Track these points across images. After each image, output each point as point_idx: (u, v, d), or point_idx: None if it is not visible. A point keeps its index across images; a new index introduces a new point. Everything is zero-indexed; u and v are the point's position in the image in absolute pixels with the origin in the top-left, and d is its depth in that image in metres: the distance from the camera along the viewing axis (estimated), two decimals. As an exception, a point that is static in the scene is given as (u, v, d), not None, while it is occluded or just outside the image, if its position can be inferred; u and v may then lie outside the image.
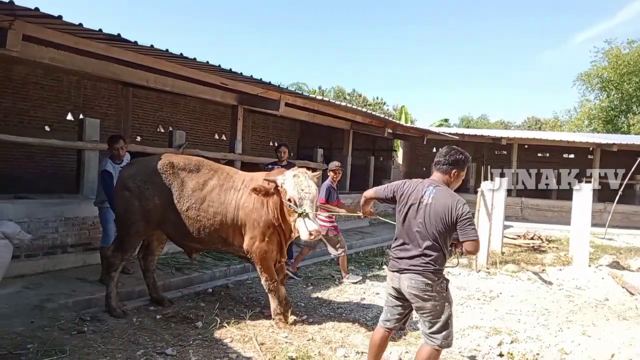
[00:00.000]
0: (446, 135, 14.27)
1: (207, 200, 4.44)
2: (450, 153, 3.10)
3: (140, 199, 4.43)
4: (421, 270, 2.97)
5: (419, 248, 3.00)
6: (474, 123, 39.64)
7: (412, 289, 2.99)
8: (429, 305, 2.97)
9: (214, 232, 4.49)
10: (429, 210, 2.98)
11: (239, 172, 4.84)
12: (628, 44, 24.84)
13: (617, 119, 25.94)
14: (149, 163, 4.57)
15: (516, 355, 3.95)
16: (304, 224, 4.02)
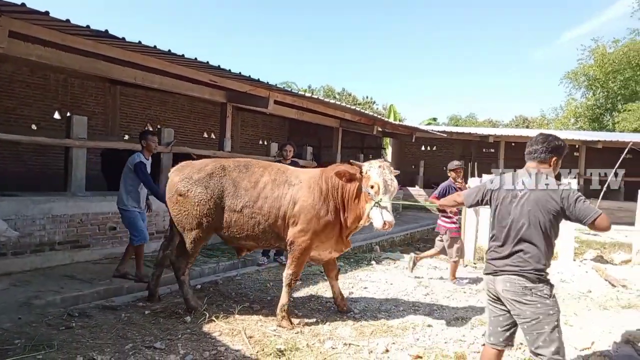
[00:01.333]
0: (434, 133, 14.40)
1: (261, 197, 4.49)
2: (548, 140, 2.85)
3: (196, 203, 4.48)
4: (518, 270, 2.66)
5: (516, 245, 2.71)
6: (462, 122, 39.96)
7: (508, 293, 2.67)
8: (529, 312, 2.60)
9: (269, 227, 4.51)
10: (527, 201, 2.71)
11: (290, 168, 4.88)
12: (613, 43, 25.27)
13: (602, 116, 26.33)
14: (201, 167, 4.63)
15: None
16: (380, 213, 4.08)
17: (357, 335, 4.23)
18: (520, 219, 2.70)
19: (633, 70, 23.60)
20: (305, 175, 4.64)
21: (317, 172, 4.68)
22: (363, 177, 4.26)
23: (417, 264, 6.80)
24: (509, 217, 2.75)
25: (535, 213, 2.65)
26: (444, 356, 3.80)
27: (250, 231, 4.52)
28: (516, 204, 2.74)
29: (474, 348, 3.97)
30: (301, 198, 4.44)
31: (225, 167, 4.62)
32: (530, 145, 2.91)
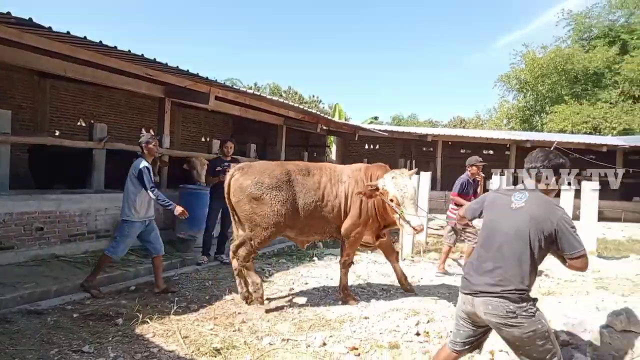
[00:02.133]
0: (376, 132, 14.73)
1: (324, 196, 5.01)
2: (549, 157, 2.67)
3: (273, 205, 4.74)
4: (499, 291, 2.47)
5: (500, 263, 2.51)
6: (404, 121, 41.09)
7: (492, 317, 2.49)
8: (517, 333, 2.45)
9: (333, 221, 5.06)
10: (519, 216, 2.53)
11: (338, 166, 5.37)
12: (542, 49, 26.96)
13: (532, 118, 28.02)
14: (270, 172, 4.86)
15: (432, 333, 4.22)
16: (407, 222, 4.48)
17: (296, 330, 4.27)
18: (508, 234, 2.53)
19: (559, 75, 25.29)
20: (349, 170, 5.20)
21: (359, 168, 5.22)
22: (382, 193, 4.66)
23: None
24: (497, 230, 2.59)
25: (527, 231, 2.48)
26: (378, 346, 3.92)
27: (320, 227, 5.09)
28: (507, 218, 2.57)
29: (406, 337, 4.13)
30: (351, 194, 5.01)
31: (290, 171, 4.97)
32: (529, 162, 2.75)
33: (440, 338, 4.12)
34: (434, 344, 4.01)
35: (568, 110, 23.53)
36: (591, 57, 24.20)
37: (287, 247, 8.35)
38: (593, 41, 25.78)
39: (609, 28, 25.54)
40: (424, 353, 3.78)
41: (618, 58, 23.94)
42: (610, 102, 23.61)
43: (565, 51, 25.12)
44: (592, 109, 23.28)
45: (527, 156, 2.80)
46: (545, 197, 2.62)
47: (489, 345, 3.49)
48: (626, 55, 23.75)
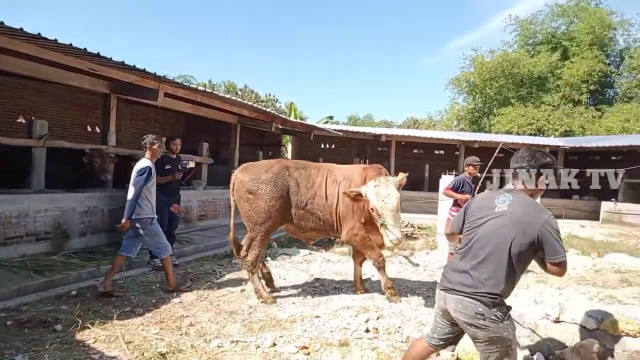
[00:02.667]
0: (332, 131, 14.82)
1: (318, 194, 5.09)
2: (535, 157, 2.60)
3: (266, 199, 4.95)
4: (471, 292, 2.42)
5: (476, 262, 2.46)
6: (360, 121, 41.64)
7: (460, 315, 2.47)
8: (481, 334, 2.44)
9: (325, 219, 5.13)
10: (503, 219, 2.45)
11: (336, 167, 5.42)
12: (490, 53, 28.08)
13: (481, 119, 29.13)
14: (268, 167, 5.11)
15: (381, 329, 4.28)
16: (386, 233, 4.45)
17: (246, 332, 4.21)
18: (489, 236, 2.45)
19: (506, 79, 26.43)
20: (347, 172, 5.22)
21: (358, 170, 5.26)
22: (364, 200, 4.66)
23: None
24: (477, 231, 2.52)
25: (508, 236, 2.40)
26: (328, 344, 3.93)
27: (313, 223, 5.16)
28: (489, 220, 2.49)
29: (356, 335, 4.17)
30: (343, 197, 4.93)
31: (288, 167, 5.16)
32: (515, 162, 2.66)
33: (389, 334, 4.19)
34: (382, 339, 4.07)
35: (514, 113, 24.65)
36: (535, 62, 25.46)
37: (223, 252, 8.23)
38: (537, 47, 27.14)
39: (552, 35, 26.97)
40: (373, 349, 3.83)
41: (560, 63, 25.33)
42: (552, 105, 24.93)
43: (511, 56, 26.28)
44: (536, 111, 24.51)
45: (513, 156, 2.70)
46: (530, 200, 2.54)
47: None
48: (567, 61, 25.18)
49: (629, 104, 24.14)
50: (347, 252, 8.30)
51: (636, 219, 13.98)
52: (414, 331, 4.19)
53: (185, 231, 8.92)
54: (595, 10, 25.79)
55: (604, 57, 25.10)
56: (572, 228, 13.13)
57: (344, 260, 7.58)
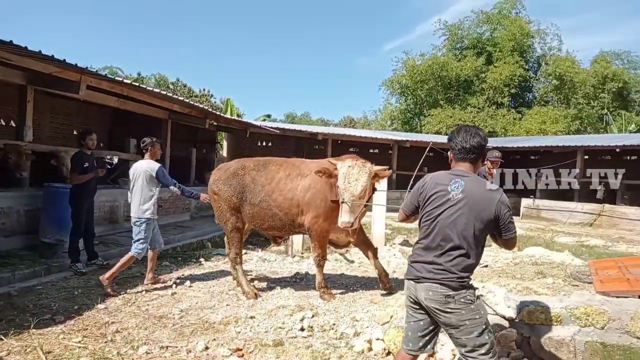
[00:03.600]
0: (268, 129, 14.70)
1: (276, 191, 5.11)
2: (482, 137, 2.62)
3: (225, 199, 5.23)
4: (440, 278, 2.45)
5: (441, 250, 2.48)
6: (297, 119, 41.75)
7: (431, 302, 2.48)
8: (454, 319, 2.44)
9: (284, 216, 5.12)
10: (460, 208, 2.46)
11: (305, 161, 5.45)
12: (420, 56, 29.21)
13: (412, 120, 30.29)
14: (227, 167, 5.41)
15: (316, 327, 4.30)
16: (340, 212, 4.52)
17: (177, 337, 4.06)
18: (450, 227, 2.47)
19: (436, 81, 27.65)
20: (316, 165, 5.15)
21: (328, 162, 5.12)
22: (336, 176, 4.66)
23: None
24: (437, 220, 2.51)
25: (469, 219, 2.44)
26: (262, 345, 3.89)
27: (272, 220, 5.19)
28: (448, 207, 2.49)
29: (291, 334, 4.16)
30: (312, 187, 5.01)
31: (245, 166, 5.30)
32: (465, 142, 2.59)
33: (323, 332, 4.22)
34: (317, 337, 4.09)
35: (443, 114, 25.86)
36: (462, 66, 26.83)
37: (171, 250, 7.94)
38: (464, 51, 28.60)
39: (477, 40, 28.54)
40: (307, 347, 3.83)
41: (484, 68, 26.89)
42: (478, 107, 26.43)
43: (441, 59, 27.51)
44: (463, 112, 25.88)
45: (460, 137, 2.61)
46: (481, 181, 2.57)
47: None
48: (491, 66, 26.79)
49: (545, 107, 26.17)
50: (284, 251, 8.28)
51: (552, 214, 15.13)
52: (347, 327, 4.25)
53: (112, 232, 8.46)
54: (515, 18, 27.64)
55: (524, 62, 26.98)
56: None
57: (280, 259, 7.55)
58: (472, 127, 2.70)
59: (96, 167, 6.34)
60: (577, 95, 26.16)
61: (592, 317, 3.28)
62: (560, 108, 25.71)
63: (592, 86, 25.82)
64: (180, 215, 11.12)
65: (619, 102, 26.99)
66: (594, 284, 3.98)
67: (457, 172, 2.58)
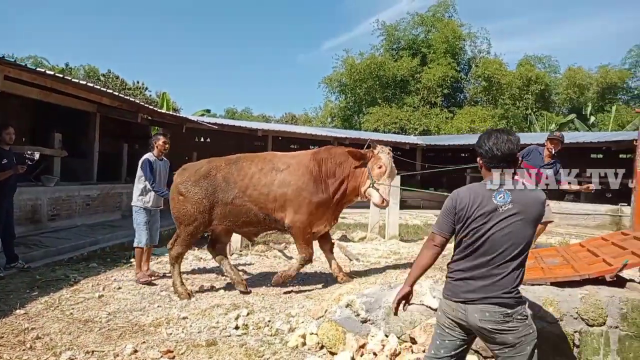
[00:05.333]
0: (205, 124, 14.37)
1: (250, 186, 5.00)
2: (504, 141, 2.38)
3: (193, 202, 5.05)
4: (495, 297, 2.31)
5: (495, 269, 2.33)
6: (238, 115, 41.09)
7: (487, 323, 2.31)
8: (511, 338, 2.30)
9: (260, 211, 5.04)
10: (511, 221, 2.31)
11: (278, 155, 5.39)
12: (359, 55, 29.73)
13: (352, 117, 30.81)
14: (198, 169, 5.21)
15: (251, 325, 4.29)
16: (378, 191, 4.81)
17: (103, 341, 3.89)
18: (504, 237, 2.32)
19: (374, 80, 28.26)
20: (293, 159, 5.16)
21: (306, 155, 5.23)
22: (374, 157, 4.90)
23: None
24: (487, 235, 2.34)
25: (524, 227, 2.33)
26: (195, 346, 3.82)
27: (245, 217, 5.08)
28: (499, 221, 2.33)
29: (225, 333, 4.13)
30: (291, 182, 4.95)
31: (217, 166, 5.14)
32: (497, 149, 2.39)
33: (258, 329, 4.22)
34: (251, 335, 4.09)
35: (380, 112, 26.54)
36: (399, 66, 27.65)
37: (100, 250, 7.58)
38: (401, 51, 29.45)
39: (413, 41, 29.50)
40: (241, 346, 3.82)
41: (419, 68, 27.86)
42: (413, 107, 27.36)
43: (378, 59, 28.16)
44: (400, 111, 26.70)
45: (482, 143, 2.45)
46: (526, 191, 2.42)
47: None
48: (425, 67, 27.82)
49: (474, 107, 27.57)
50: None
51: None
52: (283, 324, 4.27)
53: (34, 233, 7.93)
54: (448, 22, 28.86)
55: (456, 64, 28.23)
56: (428, 218, 14.58)
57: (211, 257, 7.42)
58: (504, 132, 2.45)
59: (16, 164, 5.91)
60: (504, 96, 27.81)
61: (508, 304, 3.53)
62: (489, 108, 27.19)
63: (518, 88, 27.55)
64: (111, 214, 10.60)
65: (541, 103, 28.99)
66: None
67: (497, 183, 2.40)
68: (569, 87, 28.70)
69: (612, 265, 3.74)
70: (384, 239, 10.01)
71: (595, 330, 3.39)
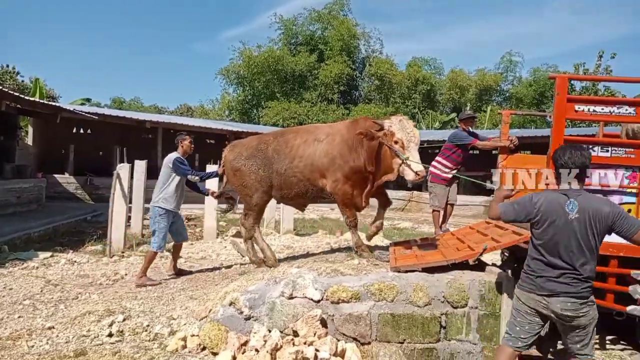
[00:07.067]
0: (84, 114, 13.15)
1: (296, 158, 5.13)
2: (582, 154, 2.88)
3: (250, 173, 5.31)
4: (575, 291, 2.80)
5: (571, 266, 2.80)
6: (126, 105, 38.36)
7: (568, 311, 2.82)
8: (584, 320, 2.84)
9: (307, 182, 5.15)
10: (579, 226, 2.78)
11: (320, 126, 5.61)
12: (257, 48, 29.46)
13: (250, 111, 30.46)
14: (249, 144, 5.53)
15: (127, 331, 4.00)
16: (409, 166, 4.44)
17: (-57, 362, 3.36)
18: (573, 243, 2.79)
19: (272, 74, 28.21)
20: (332, 129, 5.21)
21: (343, 124, 5.28)
22: (386, 134, 4.57)
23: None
24: (561, 239, 2.81)
25: (590, 237, 2.78)
26: (60, 357, 3.49)
27: (296, 188, 5.24)
28: (569, 229, 2.79)
29: (97, 341, 3.81)
30: (328, 151, 4.98)
31: (267, 140, 5.42)
32: (577, 161, 2.86)
33: (135, 335, 3.95)
34: (127, 342, 3.82)
35: (279, 107, 26.59)
36: (297, 61, 27.91)
37: None
38: (299, 47, 29.74)
39: (310, 37, 29.95)
40: (114, 354, 3.54)
41: (317, 65, 28.39)
42: (311, 102, 27.82)
43: (277, 53, 28.16)
44: (298, 106, 26.99)
45: (562, 156, 2.89)
46: (592, 198, 2.88)
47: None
48: (323, 63, 28.41)
49: (369, 105, 28.84)
50: (100, 251, 7.53)
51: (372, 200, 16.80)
52: (163, 327, 4.05)
53: None
54: (343, 20, 29.74)
55: (351, 62, 29.26)
56: (324, 211, 14.94)
57: (94, 260, 6.86)
58: (578, 148, 2.93)
59: None
60: (394, 94, 29.48)
61: (384, 292, 3.71)
62: (381, 106, 28.61)
63: (407, 87, 29.39)
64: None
65: (427, 102, 31.24)
66: (390, 262, 4.52)
67: (567, 191, 2.87)
68: (452, 88, 31.26)
69: (475, 250, 4.13)
70: (279, 233, 10.05)
71: (459, 312, 3.71)
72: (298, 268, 4.62)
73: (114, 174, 8.09)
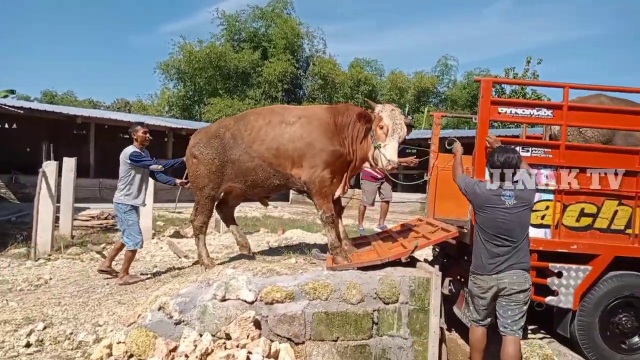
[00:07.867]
0: (7, 108, 12.21)
1: (257, 140, 4.62)
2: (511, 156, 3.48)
3: (205, 163, 4.84)
4: (522, 265, 3.36)
5: (515, 247, 3.36)
6: (58, 99, 36.08)
7: (514, 285, 3.33)
8: (522, 296, 3.35)
9: (269, 168, 4.63)
10: (518, 212, 3.38)
11: (288, 107, 5.12)
12: (199, 43, 28.63)
13: (192, 107, 29.61)
14: (208, 130, 5.14)
15: (47, 340, 3.77)
16: (383, 154, 4.25)
17: None
18: (514, 227, 3.37)
19: (214, 70, 27.55)
20: (306, 111, 4.78)
21: (320, 108, 4.91)
22: (375, 117, 4.36)
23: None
24: (502, 225, 3.38)
25: (525, 219, 3.43)
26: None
27: (254, 175, 4.71)
28: (508, 215, 3.38)
29: (12, 353, 3.56)
30: (303, 135, 4.51)
31: (226, 125, 4.94)
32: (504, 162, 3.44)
33: (56, 344, 3.73)
34: (47, 351, 3.60)
35: (222, 103, 26.04)
36: (240, 58, 27.45)
37: None
38: (242, 43, 29.25)
39: (254, 34, 29.56)
40: (32, 365, 3.32)
41: (261, 62, 28.08)
42: (255, 99, 27.49)
43: (219, 49, 27.54)
44: (242, 104, 26.55)
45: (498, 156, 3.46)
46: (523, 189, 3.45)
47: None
48: (266, 61, 28.15)
49: (313, 104, 28.96)
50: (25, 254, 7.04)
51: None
52: (88, 335, 3.84)
53: None
54: (287, 18, 29.61)
55: (295, 61, 29.17)
56: (267, 210, 14.85)
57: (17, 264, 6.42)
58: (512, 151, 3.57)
59: None
60: (337, 94, 29.79)
61: (318, 290, 3.74)
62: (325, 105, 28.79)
63: (350, 87, 29.79)
64: None
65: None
66: (327, 261, 4.56)
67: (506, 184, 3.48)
68: (392, 90, 32.06)
69: (407, 248, 4.26)
70: (219, 233, 9.86)
71: (390, 307, 3.81)
72: (234, 269, 4.54)
73: (40, 172, 7.60)
